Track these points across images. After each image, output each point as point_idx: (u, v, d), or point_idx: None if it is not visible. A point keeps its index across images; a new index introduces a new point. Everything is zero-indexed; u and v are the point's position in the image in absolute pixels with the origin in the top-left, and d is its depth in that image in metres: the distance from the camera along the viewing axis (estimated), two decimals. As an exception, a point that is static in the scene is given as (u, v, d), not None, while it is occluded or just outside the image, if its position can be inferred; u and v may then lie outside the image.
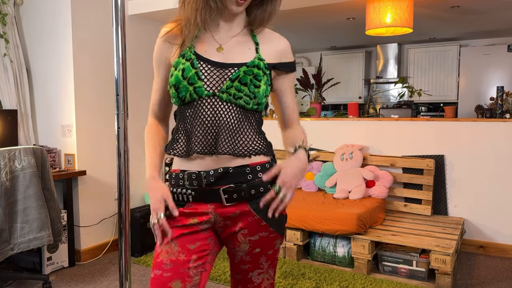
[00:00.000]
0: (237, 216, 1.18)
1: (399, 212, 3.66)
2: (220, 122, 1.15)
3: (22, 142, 3.29)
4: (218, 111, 1.15)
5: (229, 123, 1.15)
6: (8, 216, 2.31)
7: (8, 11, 3.25)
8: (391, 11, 3.52)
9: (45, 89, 3.39)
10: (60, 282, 2.93)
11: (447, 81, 6.25)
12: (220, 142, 1.15)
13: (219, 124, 1.15)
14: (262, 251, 1.23)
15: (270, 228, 1.20)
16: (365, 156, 3.79)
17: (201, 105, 1.16)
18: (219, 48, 1.20)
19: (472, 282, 2.92)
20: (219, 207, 1.18)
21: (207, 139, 1.15)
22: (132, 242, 3.43)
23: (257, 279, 1.27)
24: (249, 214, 1.18)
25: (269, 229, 1.21)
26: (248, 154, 1.17)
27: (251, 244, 1.21)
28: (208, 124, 1.15)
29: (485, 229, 3.49)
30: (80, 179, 3.31)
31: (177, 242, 1.17)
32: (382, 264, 3.03)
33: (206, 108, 1.15)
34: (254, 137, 1.20)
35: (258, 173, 1.18)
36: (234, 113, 1.16)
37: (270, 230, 1.21)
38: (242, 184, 1.16)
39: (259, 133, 1.22)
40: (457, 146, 3.55)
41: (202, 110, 1.15)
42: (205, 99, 1.15)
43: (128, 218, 1.54)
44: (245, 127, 1.18)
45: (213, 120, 1.15)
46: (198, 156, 1.17)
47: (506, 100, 3.61)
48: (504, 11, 4.53)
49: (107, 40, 3.48)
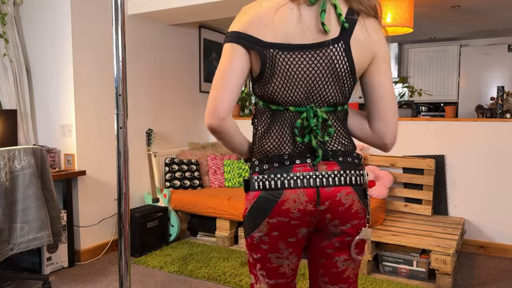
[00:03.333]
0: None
1: (399, 212, 3.66)
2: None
3: (21, 142, 3.29)
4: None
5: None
6: (7, 216, 2.31)
7: (8, 10, 3.24)
8: (391, 10, 3.52)
9: (44, 89, 3.38)
10: (59, 282, 2.93)
11: (447, 81, 6.25)
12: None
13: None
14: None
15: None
16: (365, 156, 3.78)
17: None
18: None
19: (473, 282, 2.92)
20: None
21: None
22: (132, 242, 3.42)
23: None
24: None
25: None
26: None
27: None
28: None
29: (486, 229, 3.49)
30: (80, 179, 3.30)
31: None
32: (382, 264, 3.02)
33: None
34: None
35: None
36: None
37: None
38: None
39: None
40: (458, 146, 3.55)
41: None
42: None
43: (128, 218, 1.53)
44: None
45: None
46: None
47: (507, 100, 3.60)
48: (504, 11, 4.52)
49: (107, 40, 3.47)
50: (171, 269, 3.13)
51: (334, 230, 1.21)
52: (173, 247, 3.64)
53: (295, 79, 1.15)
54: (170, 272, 3.11)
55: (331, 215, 1.18)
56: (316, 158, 1.17)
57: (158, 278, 3.01)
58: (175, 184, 4.04)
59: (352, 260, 1.26)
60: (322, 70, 1.14)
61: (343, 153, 1.20)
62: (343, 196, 1.17)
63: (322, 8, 1.10)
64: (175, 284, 2.91)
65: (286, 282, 1.28)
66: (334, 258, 1.25)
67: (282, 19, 1.12)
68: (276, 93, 1.17)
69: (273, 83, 1.16)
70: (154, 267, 3.20)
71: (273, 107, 1.20)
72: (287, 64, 1.14)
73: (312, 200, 1.16)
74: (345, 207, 1.17)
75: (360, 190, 1.20)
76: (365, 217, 1.23)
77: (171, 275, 3.06)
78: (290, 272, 1.27)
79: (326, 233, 1.23)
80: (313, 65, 1.14)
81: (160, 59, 4.06)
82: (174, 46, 4.22)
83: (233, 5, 3.32)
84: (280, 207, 1.16)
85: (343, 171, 1.17)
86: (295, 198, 1.15)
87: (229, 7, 3.38)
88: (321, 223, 1.20)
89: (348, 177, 1.18)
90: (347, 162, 1.20)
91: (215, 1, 3.26)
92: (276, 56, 1.13)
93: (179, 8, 3.46)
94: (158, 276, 3.04)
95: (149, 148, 3.81)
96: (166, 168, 4.08)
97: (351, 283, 1.29)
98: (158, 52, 4.04)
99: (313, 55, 1.13)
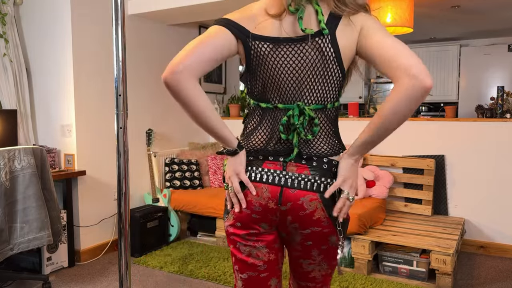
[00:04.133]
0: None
1: (399, 212, 3.66)
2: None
3: (21, 142, 3.29)
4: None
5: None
6: (7, 216, 2.31)
7: (8, 10, 3.24)
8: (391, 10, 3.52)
9: (45, 89, 3.38)
10: (59, 282, 2.93)
11: (447, 81, 6.25)
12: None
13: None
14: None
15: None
16: (365, 156, 3.79)
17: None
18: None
19: (473, 282, 2.92)
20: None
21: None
22: (132, 242, 3.42)
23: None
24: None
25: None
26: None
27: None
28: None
29: (486, 229, 3.49)
30: (80, 179, 3.30)
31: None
32: (382, 264, 3.02)
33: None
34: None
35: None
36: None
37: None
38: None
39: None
40: (458, 146, 3.55)
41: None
42: None
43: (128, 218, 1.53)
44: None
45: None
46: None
47: (507, 100, 3.60)
48: (504, 11, 4.52)
49: (107, 40, 3.47)
50: (171, 269, 3.13)
51: (295, 233, 1.20)
52: (173, 247, 3.64)
53: (282, 73, 1.15)
54: (170, 272, 3.11)
55: (292, 217, 1.17)
56: (289, 157, 1.17)
57: (158, 278, 3.01)
58: (175, 184, 4.04)
59: (318, 264, 1.25)
60: (309, 62, 1.14)
61: (322, 156, 1.18)
62: (306, 201, 1.15)
63: (299, 16, 1.11)
64: (175, 284, 2.91)
65: (259, 277, 1.25)
66: (299, 260, 1.26)
67: (269, 22, 1.15)
68: (264, 88, 1.18)
69: (261, 78, 1.18)
70: (154, 267, 3.20)
71: (263, 105, 1.21)
72: (273, 57, 1.15)
73: (274, 198, 1.16)
74: (306, 213, 1.16)
75: (329, 199, 1.16)
76: (331, 226, 1.18)
77: (171, 275, 3.06)
78: (262, 265, 1.24)
79: (289, 235, 1.22)
80: (299, 58, 1.14)
81: (160, 59, 4.06)
82: (174, 46, 4.22)
83: (233, 5, 3.32)
84: (245, 198, 1.19)
85: (311, 176, 1.16)
86: (258, 192, 1.17)
87: (229, 7, 3.38)
88: (282, 223, 1.19)
89: (316, 183, 1.16)
90: (320, 168, 1.17)
91: (215, 1, 3.27)
92: (261, 48, 1.15)
93: (179, 8, 3.46)
94: (158, 276, 3.04)
95: (149, 148, 3.81)
96: (166, 168, 4.08)
97: (318, 282, 1.29)
98: (158, 52, 4.04)
99: (299, 48, 1.13)
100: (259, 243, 1.23)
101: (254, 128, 1.23)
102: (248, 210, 1.19)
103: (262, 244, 1.23)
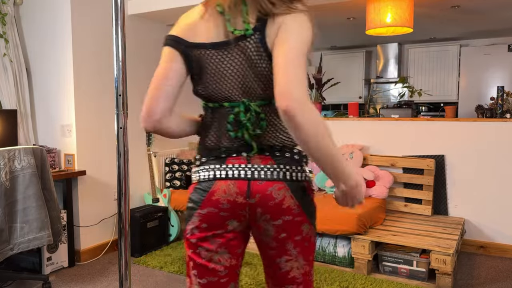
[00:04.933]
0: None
1: (399, 212, 3.66)
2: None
3: (21, 142, 3.29)
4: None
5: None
6: (8, 216, 2.31)
7: (8, 10, 3.24)
8: (391, 10, 3.52)
9: (45, 89, 3.39)
10: (59, 282, 2.93)
11: (447, 81, 6.25)
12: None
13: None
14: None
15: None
16: (365, 156, 3.79)
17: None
18: None
19: (473, 282, 2.92)
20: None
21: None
22: (132, 242, 3.42)
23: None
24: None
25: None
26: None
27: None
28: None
29: (486, 229, 3.49)
30: (80, 179, 3.30)
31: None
32: (382, 264, 3.03)
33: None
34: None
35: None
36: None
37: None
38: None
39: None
40: (458, 146, 3.55)
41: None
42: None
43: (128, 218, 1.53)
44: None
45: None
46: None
47: (507, 100, 3.60)
48: (504, 11, 4.52)
49: (107, 40, 3.47)
50: (171, 269, 3.13)
51: (267, 226, 1.18)
52: (173, 247, 3.64)
53: (224, 75, 1.17)
54: (170, 272, 3.11)
55: (262, 209, 1.16)
56: (251, 151, 1.17)
57: (158, 278, 3.01)
58: (175, 184, 4.04)
59: (295, 260, 1.22)
60: (245, 63, 1.15)
61: (281, 148, 1.19)
62: (274, 190, 1.15)
63: (227, 18, 1.14)
64: (175, 284, 2.91)
65: (218, 282, 1.23)
66: (276, 260, 1.23)
67: (205, 26, 1.18)
68: (209, 90, 1.20)
69: (204, 81, 1.20)
70: (154, 267, 3.20)
71: (211, 105, 1.23)
72: (212, 62, 1.17)
73: (242, 192, 1.15)
74: (276, 202, 1.15)
75: (296, 186, 1.17)
76: (303, 214, 1.18)
77: (171, 275, 3.06)
78: (223, 270, 1.22)
79: (261, 232, 1.20)
80: (236, 60, 1.15)
81: (160, 59, 4.06)
82: (174, 46, 4.21)
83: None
84: (210, 198, 1.17)
85: (277, 165, 1.16)
86: (225, 189, 1.16)
87: (229, 7, 3.38)
88: (253, 217, 1.18)
89: (282, 172, 1.16)
90: (284, 157, 1.18)
91: (215, 1, 3.26)
92: (201, 55, 1.18)
93: (179, 8, 3.46)
94: (158, 276, 3.04)
95: (149, 148, 3.81)
96: (166, 168, 4.08)
97: (299, 283, 1.25)
98: (158, 52, 4.04)
99: (234, 50, 1.15)
100: (222, 248, 1.21)
101: (207, 128, 1.25)
102: (215, 209, 1.17)
103: (226, 249, 1.21)
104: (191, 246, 1.23)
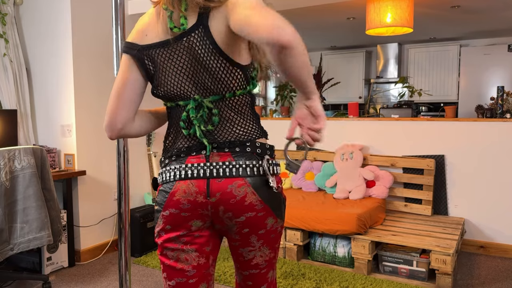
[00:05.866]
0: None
1: (399, 212, 3.66)
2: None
3: (21, 142, 3.29)
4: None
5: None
6: (8, 216, 2.31)
7: (8, 11, 3.24)
8: (391, 11, 3.52)
9: (45, 89, 3.39)
10: (60, 282, 2.93)
11: (447, 81, 6.25)
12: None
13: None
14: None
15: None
16: (365, 156, 3.79)
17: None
18: None
19: (473, 282, 2.92)
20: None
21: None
22: (132, 242, 3.42)
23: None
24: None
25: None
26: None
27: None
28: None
29: (486, 229, 3.49)
30: (80, 179, 3.30)
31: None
32: (382, 264, 3.03)
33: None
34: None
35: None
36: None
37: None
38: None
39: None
40: (458, 146, 3.55)
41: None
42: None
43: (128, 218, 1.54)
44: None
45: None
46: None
47: (507, 100, 3.60)
48: (504, 11, 4.52)
49: (107, 40, 3.47)
50: (171, 269, 3.13)
51: (230, 223, 1.18)
52: (173, 247, 3.63)
53: (173, 73, 1.18)
54: (170, 272, 3.11)
55: (224, 207, 1.15)
56: (207, 149, 1.16)
57: (158, 278, 3.01)
58: (175, 184, 4.03)
59: (258, 249, 1.23)
60: (193, 59, 1.15)
61: (241, 142, 1.17)
62: (234, 188, 1.14)
63: (168, 15, 1.15)
64: (175, 284, 2.91)
65: (187, 283, 1.22)
66: (239, 250, 1.24)
67: (155, 26, 1.19)
68: (163, 90, 1.21)
69: (158, 81, 1.21)
70: (154, 267, 3.20)
71: (168, 105, 1.25)
72: (162, 60, 1.18)
73: (202, 191, 1.14)
74: (237, 200, 1.14)
75: (257, 181, 1.15)
76: (266, 209, 1.17)
77: (171, 275, 3.06)
78: (191, 270, 1.21)
79: (224, 227, 1.20)
80: (183, 56, 1.15)
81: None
82: (174, 46, 4.21)
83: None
84: (172, 198, 1.17)
85: (235, 162, 1.15)
86: (185, 189, 1.15)
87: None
88: (215, 215, 1.17)
89: (241, 168, 1.14)
90: (245, 152, 1.16)
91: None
92: (153, 55, 1.19)
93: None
94: (158, 276, 3.04)
95: (149, 148, 3.80)
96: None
97: (261, 269, 1.26)
98: (158, 52, 4.04)
99: (180, 47, 1.15)
100: (188, 246, 1.20)
101: (167, 128, 1.27)
102: (176, 210, 1.17)
103: (192, 247, 1.20)
104: (159, 248, 1.24)
